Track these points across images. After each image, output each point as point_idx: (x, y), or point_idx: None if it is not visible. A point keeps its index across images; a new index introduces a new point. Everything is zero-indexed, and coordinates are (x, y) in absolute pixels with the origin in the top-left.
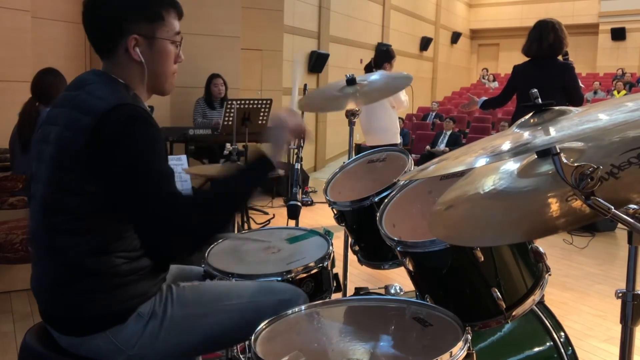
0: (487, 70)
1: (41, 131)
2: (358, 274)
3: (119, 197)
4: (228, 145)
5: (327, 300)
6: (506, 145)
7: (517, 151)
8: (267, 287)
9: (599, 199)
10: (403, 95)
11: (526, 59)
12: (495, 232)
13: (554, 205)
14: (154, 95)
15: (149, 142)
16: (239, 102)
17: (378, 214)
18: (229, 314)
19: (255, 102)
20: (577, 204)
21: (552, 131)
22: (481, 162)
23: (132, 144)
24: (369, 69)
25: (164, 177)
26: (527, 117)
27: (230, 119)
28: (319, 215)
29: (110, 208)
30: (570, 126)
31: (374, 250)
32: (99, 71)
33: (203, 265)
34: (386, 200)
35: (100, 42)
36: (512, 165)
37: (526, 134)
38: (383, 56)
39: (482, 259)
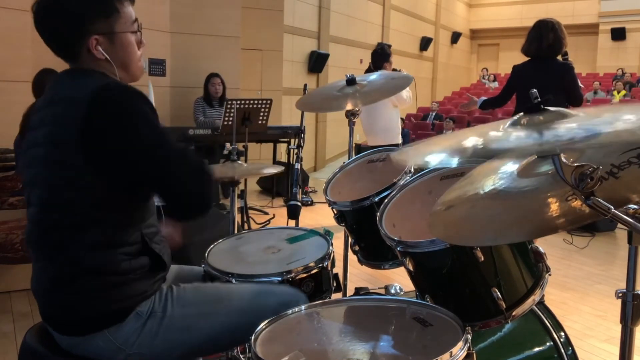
0: (487, 70)
1: (27, 137)
2: (358, 274)
3: (128, 169)
4: (228, 145)
5: (327, 300)
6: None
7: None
8: (267, 289)
9: (599, 199)
10: (405, 92)
11: (526, 58)
12: (496, 231)
13: (554, 205)
14: (153, 96)
15: (147, 112)
16: (238, 102)
17: (378, 214)
18: (228, 315)
19: (255, 102)
20: (577, 203)
21: (548, 134)
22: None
23: (132, 116)
24: (369, 72)
25: (164, 138)
26: (519, 115)
27: (230, 119)
28: (319, 215)
29: (109, 199)
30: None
31: (374, 250)
32: (72, 69)
33: (203, 265)
34: (386, 200)
35: (61, 48)
36: (512, 166)
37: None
38: (379, 57)
39: (482, 259)
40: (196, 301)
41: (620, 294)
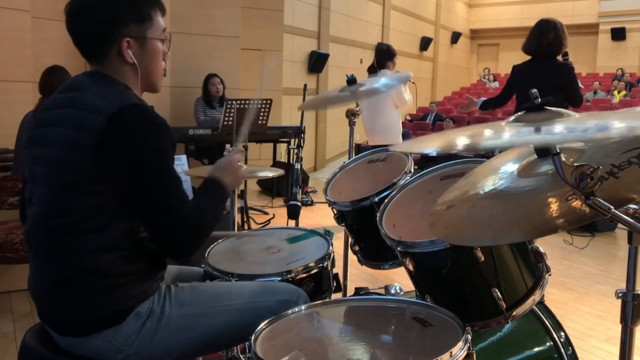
0: (489, 70)
1: (32, 134)
2: (358, 274)
3: (130, 195)
4: (228, 145)
5: (327, 300)
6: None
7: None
8: (267, 288)
9: (599, 199)
10: (407, 94)
11: (526, 58)
12: (496, 231)
13: (554, 205)
14: (153, 96)
15: (158, 145)
16: (238, 102)
17: (378, 214)
18: (228, 314)
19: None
20: (577, 203)
21: (546, 131)
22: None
23: (142, 146)
24: (372, 70)
25: (173, 180)
26: (520, 113)
27: (230, 119)
28: (319, 215)
29: (117, 206)
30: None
31: (374, 250)
32: (94, 72)
33: (203, 266)
34: (386, 200)
35: (92, 48)
36: (512, 166)
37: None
38: (384, 55)
39: (482, 259)
40: (195, 300)
41: (620, 294)
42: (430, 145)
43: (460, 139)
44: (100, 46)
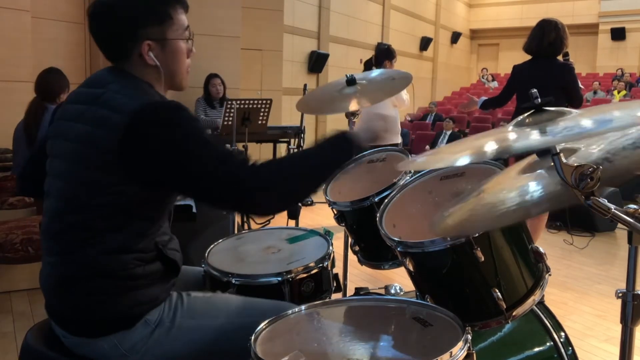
0: (487, 70)
1: (55, 127)
2: (358, 274)
3: (177, 187)
4: (228, 145)
5: (327, 300)
6: (506, 141)
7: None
8: (281, 307)
9: (599, 199)
10: (405, 94)
11: (526, 58)
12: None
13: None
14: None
15: (190, 126)
16: (238, 102)
17: (378, 214)
18: (238, 330)
19: (255, 102)
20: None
21: (550, 131)
22: (467, 160)
23: (174, 132)
24: (368, 66)
25: (217, 154)
26: (524, 115)
27: (230, 119)
28: (319, 215)
29: (138, 206)
30: (569, 127)
31: (374, 250)
32: (118, 69)
33: (203, 265)
34: (386, 200)
35: (113, 50)
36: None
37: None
38: (384, 54)
39: (482, 259)
40: (206, 313)
41: (620, 294)
42: (460, 156)
43: (489, 144)
44: (121, 49)
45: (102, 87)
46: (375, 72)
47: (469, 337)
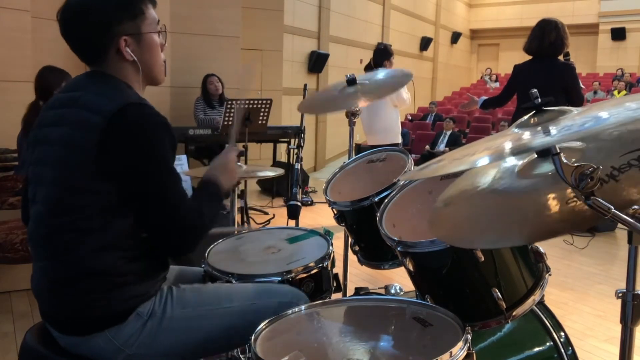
0: (491, 70)
1: (35, 134)
2: (358, 274)
3: (130, 195)
4: (228, 145)
5: (327, 300)
6: (508, 145)
7: (519, 151)
8: (267, 290)
9: (599, 199)
10: (405, 93)
11: (526, 58)
12: (497, 234)
13: (555, 208)
14: (153, 96)
15: (158, 145)
16: (239, 102)
17: (378, 214)
18: (229, 316)
19: (255, 102)
20: (578, 205)
21: (553, 131)
22: (483, 161)
23: (142, 146)
24: (369, 68)
25: (172, 178)
26: (526, 117)
27: (231, 119)
28: (319, 215)
29: (119, 205)
30: (571, 125)
31: (374, 250)
32: (96, 72)
33: (203, 266)
34: (386, 200)
35: (90, 52)
36: (511, 161)
37: (527, 134)
38: (382, 54)
39: (482, 259)
40: (196, 302)
41: (620, 294)
42: (479, 156)
43: (507, 143)
44: (99, 49)
45: (80, 90)
46: (377, 73)
47: (469, 337)
